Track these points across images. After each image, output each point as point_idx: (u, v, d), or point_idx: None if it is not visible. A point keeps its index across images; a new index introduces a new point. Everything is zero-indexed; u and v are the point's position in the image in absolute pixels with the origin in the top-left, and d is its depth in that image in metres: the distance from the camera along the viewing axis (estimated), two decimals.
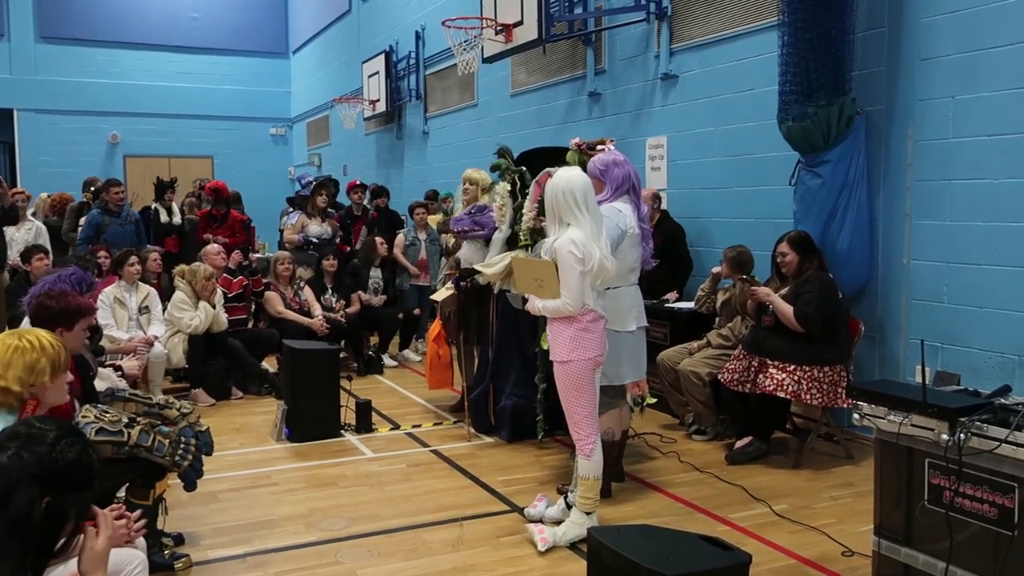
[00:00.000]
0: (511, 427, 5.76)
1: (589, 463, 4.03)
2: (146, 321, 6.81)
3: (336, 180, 10.24)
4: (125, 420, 3.48)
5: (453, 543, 4.08)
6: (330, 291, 8.23)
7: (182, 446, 3.63)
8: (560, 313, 3.93)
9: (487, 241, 5.84)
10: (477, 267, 5.72)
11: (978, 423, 2.83)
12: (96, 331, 4.67)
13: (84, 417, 3.36)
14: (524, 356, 5.70)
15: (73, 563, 2.47)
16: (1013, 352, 4.76)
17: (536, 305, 4.06)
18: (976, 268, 4.99)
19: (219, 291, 7.25)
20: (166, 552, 3.83)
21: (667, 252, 6.62)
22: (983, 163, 4.93)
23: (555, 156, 5.47)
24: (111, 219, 8.62)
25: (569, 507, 4.15)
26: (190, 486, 3.77)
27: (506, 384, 5.78)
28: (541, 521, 4.21)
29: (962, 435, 2.83)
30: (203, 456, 3.78)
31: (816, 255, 5.25)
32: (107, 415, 3.43)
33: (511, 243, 5.59)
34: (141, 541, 2.85)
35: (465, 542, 4.09)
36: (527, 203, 4.68)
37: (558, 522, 4.17)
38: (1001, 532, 2.80)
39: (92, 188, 9.76)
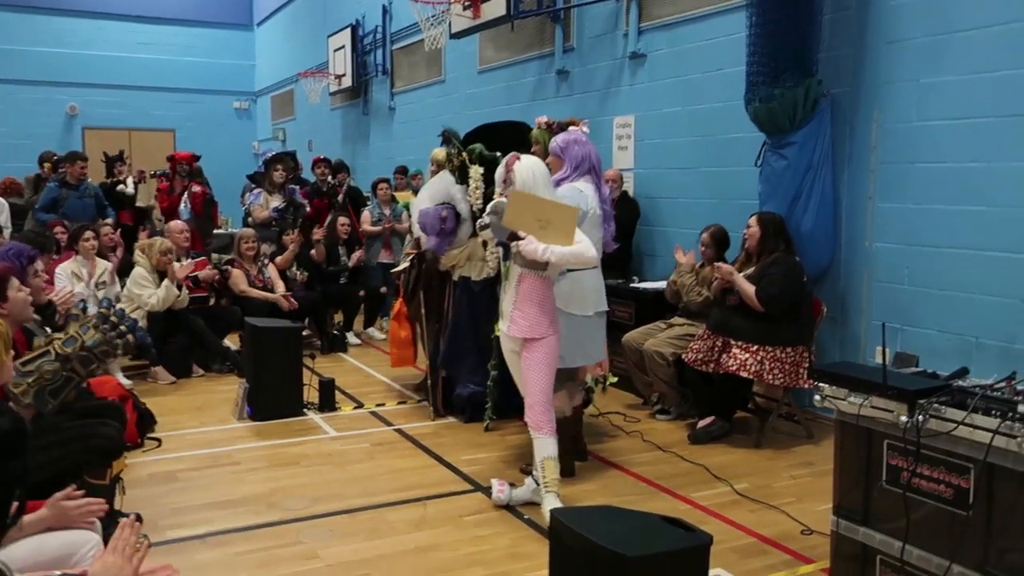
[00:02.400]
0: (471, 415, 5.67)
1: (554, 441, 4.05)
2: (103, 295, 6.69)
3: (293, 153, 10.04)
4: (42, 360, 3.32)
5: (416, 522, 4.07)
6: (293, 265, 8.17)
7: (108, 323, 3.47)
8: (580, 259, 3.84)
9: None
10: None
11: (936, 405, 2.85)
12: (49, 306, 4.54)
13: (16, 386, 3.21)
14: (479, 343, 5.55)
15: (39, 538, 2.44)
16: (971, 334, 4.83)
17: (537, 249, 3.76)
18: (936, 251, 5.05)
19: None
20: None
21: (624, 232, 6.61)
22: (946, 147, 4.98)
23: (511, 133, 5.38)
24: (69, 192, 8.44)
25: (537, 484, 4.14)
26: (153, 358, 3.66)
27: (462, 371, 5.67)
28: (508, 507, 4.22)
29: (920, 417, 2.86)
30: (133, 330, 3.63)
31: (784, 238, 5.27)
32: (26, 378, 3.27)
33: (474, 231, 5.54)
34: (96, 522, 2.80)
35: (428, 522, 4.08)
36: (497, 188, 4.53)
37: (528, 503, 4.20)
38: (956, 512, 2.84)
39: (51, 160, 9.57)
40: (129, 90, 17.02)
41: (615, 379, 5.09)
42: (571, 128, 4.64)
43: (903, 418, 2.89)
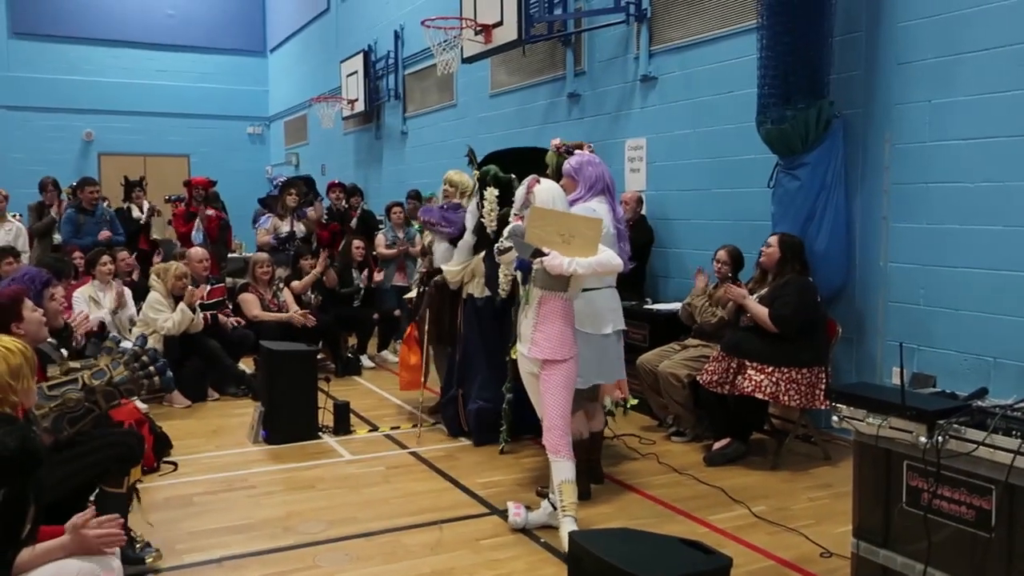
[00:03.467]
0: (477, 430, 5.67)
1: (571, 464, 4.03)
2: (119, 320, 6.75)
3: (308, 178, 10.12)
4: (69, 387, 3.35)
5: (432, 546, 4.05)
6: (308, 290, 8.19)
7: (139, 363, 3.50)
8: (607, 267, 3.88)
9: (453, 241, 5.80)
10: (440, 265, 5.70)
11: (956, 426, 2.84)
12: (66, 328, 4.59)
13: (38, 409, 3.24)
14: (489, 359, 5.58)
15: (58, 564, 2.46)
16: (988, 354, 4.80)
17: (563, 263, 3.77)
18: (952, 270, 5.03)
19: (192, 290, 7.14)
20: (137, 545, 3.77)
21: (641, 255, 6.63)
22: (959, 167, 4.98)
23: (526, 157, 5.41)
24: (86, 218, 8.54)
25: (554, 507, 4.13)
26: (168, 383, 3.70)
27: (472, 388, 5.68)
28: (524, 530, 4.20)
29: (940, 438, 2.85)
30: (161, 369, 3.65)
31: (800, 261, 5.26)
32: (50, 402, 3.30)
33: (478, 249, 5.56)
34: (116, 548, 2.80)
35: (444, 545, 4.07)
36: (516, 209, 4.57)
37: (544, 527, 4.18)
38: (978, 534, 2.82)
39: (70, 188, 9.67)
40: (144, 116, 17.20)
41: (635, 401, 5.07)
42: (587, 151, 4.68)
43: (923, 439, 2.88)
